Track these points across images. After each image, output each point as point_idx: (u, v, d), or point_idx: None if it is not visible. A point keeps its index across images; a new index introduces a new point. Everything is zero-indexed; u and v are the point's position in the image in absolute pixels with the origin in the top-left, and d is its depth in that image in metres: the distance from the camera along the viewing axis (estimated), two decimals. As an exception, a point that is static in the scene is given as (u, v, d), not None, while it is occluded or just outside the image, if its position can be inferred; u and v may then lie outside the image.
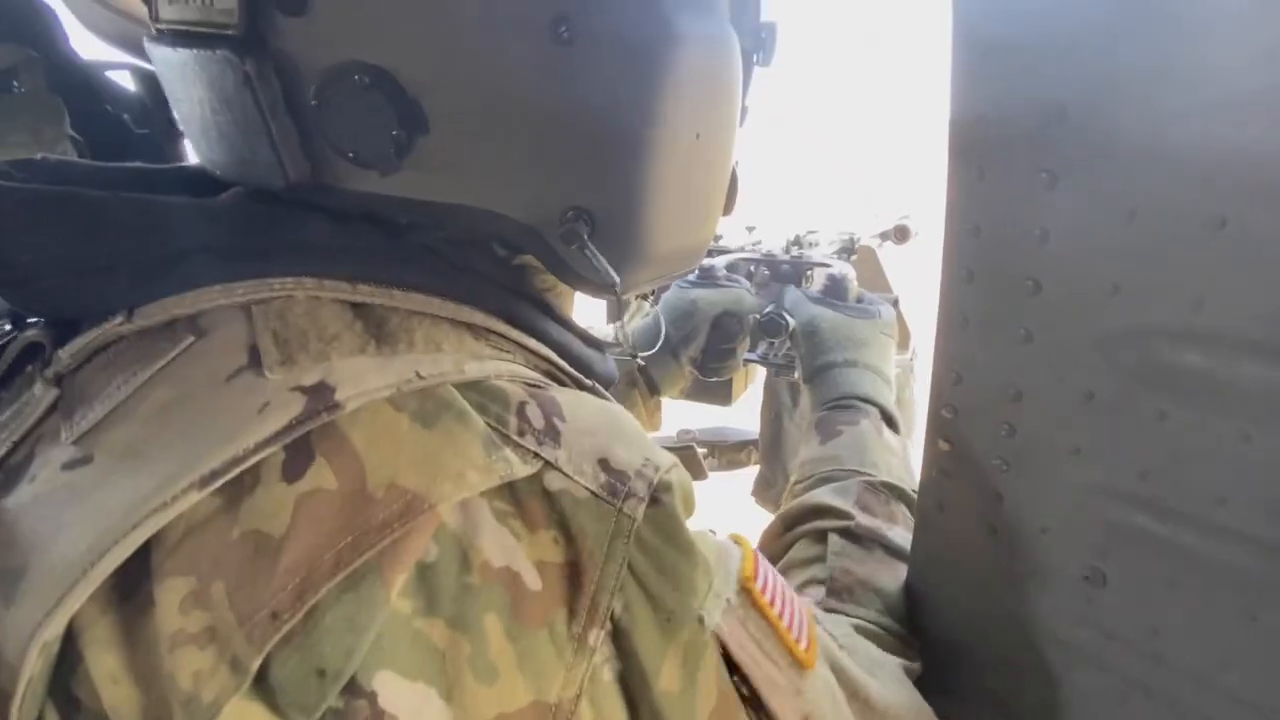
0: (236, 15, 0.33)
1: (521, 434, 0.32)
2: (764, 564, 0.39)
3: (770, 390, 1.12)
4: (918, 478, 0.51)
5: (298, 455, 0.29)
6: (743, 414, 1.24)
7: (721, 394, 1.09)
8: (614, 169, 0.39)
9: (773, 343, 0.87)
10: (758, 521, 0.69)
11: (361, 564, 0.28)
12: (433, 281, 0.37)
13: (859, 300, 0.80)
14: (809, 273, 0.88)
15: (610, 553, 0.32)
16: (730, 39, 0.43)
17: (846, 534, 0.56)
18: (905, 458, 0.68)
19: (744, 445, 1.30)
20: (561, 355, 0.42)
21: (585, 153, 0.38)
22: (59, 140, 1.00)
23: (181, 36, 0.35)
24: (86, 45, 1.05)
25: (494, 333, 0.38)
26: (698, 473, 0.50)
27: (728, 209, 0.51)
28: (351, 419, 0.30)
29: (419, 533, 0.29)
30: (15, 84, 0.95)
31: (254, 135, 0.35)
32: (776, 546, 0.61)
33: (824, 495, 0.59)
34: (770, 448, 1.17)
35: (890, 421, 0.69)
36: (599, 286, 0.41)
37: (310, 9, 0.33)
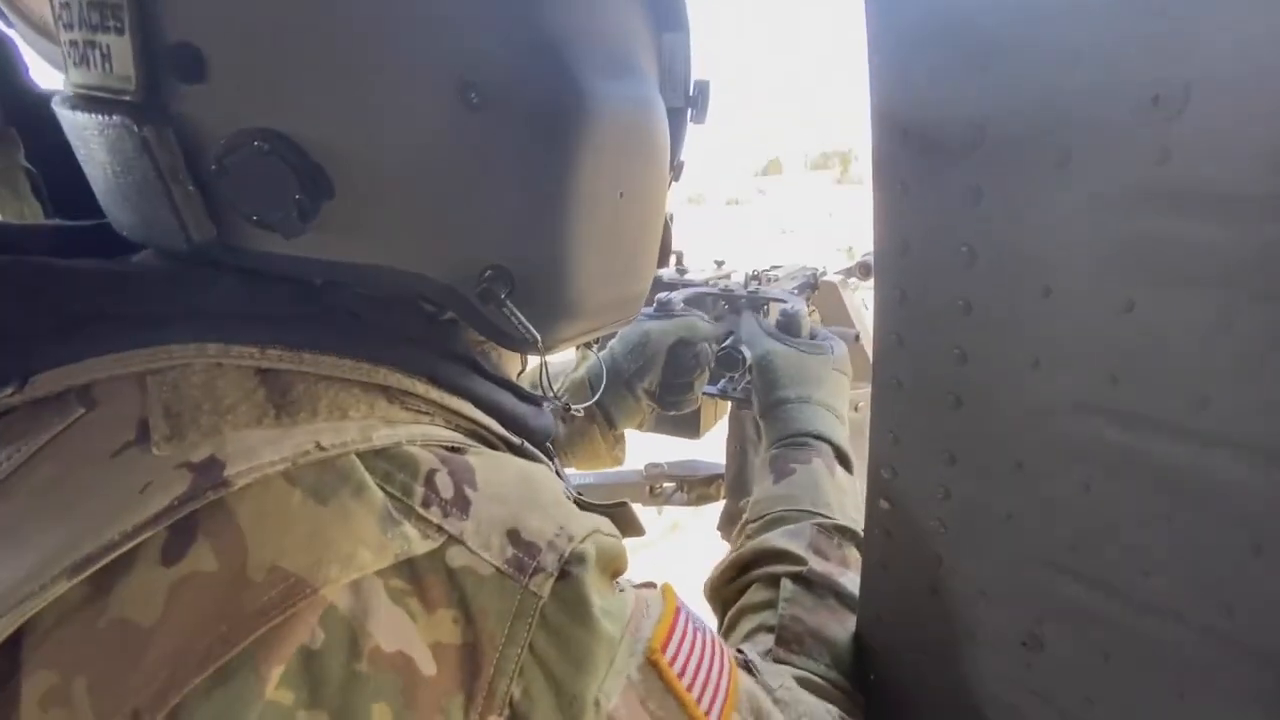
0: (134, 81, 0.32)
1: (427, 504, 0.32)
2: (681, 623, 0.38)
3: (735, 423, 1.12)
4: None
5: (179, 536, 0.28)
6: (715, 446, 1.24)
7: (689, 427, 1.09)
8: (532, 229, 0.38)
9: (732, 376, 0.87)
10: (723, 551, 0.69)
11: (234, 655, 0.26)
12: (346, 343, 0.36)
13: (812, 336, 0.80)
14: (765, 307, 0.88)
15: (511, 635, 0.31)
16: (652, 100, 0.43)
17: (799, 580, 0.55)
18: (858, 497, 0.67)
19: (713, 479, 1.29)
20: (490, 413, 0.42)
21: (500, 214, 0.38)
22: (13, 172, 0.98)
23: (84, 100, 0.34)
24: (48, 76, 1.04)
25: (412, 395, 0.37)
26: (633, 529, 0.49)
27: (662, 260, 0.51)
28: (240, 496, 0.29)
29: (301, 618, 0.27)
30: (-33, 116, 0.94)
31: (155, 199, 0.34)
32: (729, 591, 0.60)
33: (777, 538, 0.58)
34: (735, 482, 1.16)
35: (843, 459, 0.69)
36: (522, 343, 0.40)
37: (209, 77, 0.33)
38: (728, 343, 0.82)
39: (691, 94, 0.50)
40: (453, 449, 0.36)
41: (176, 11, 0.32)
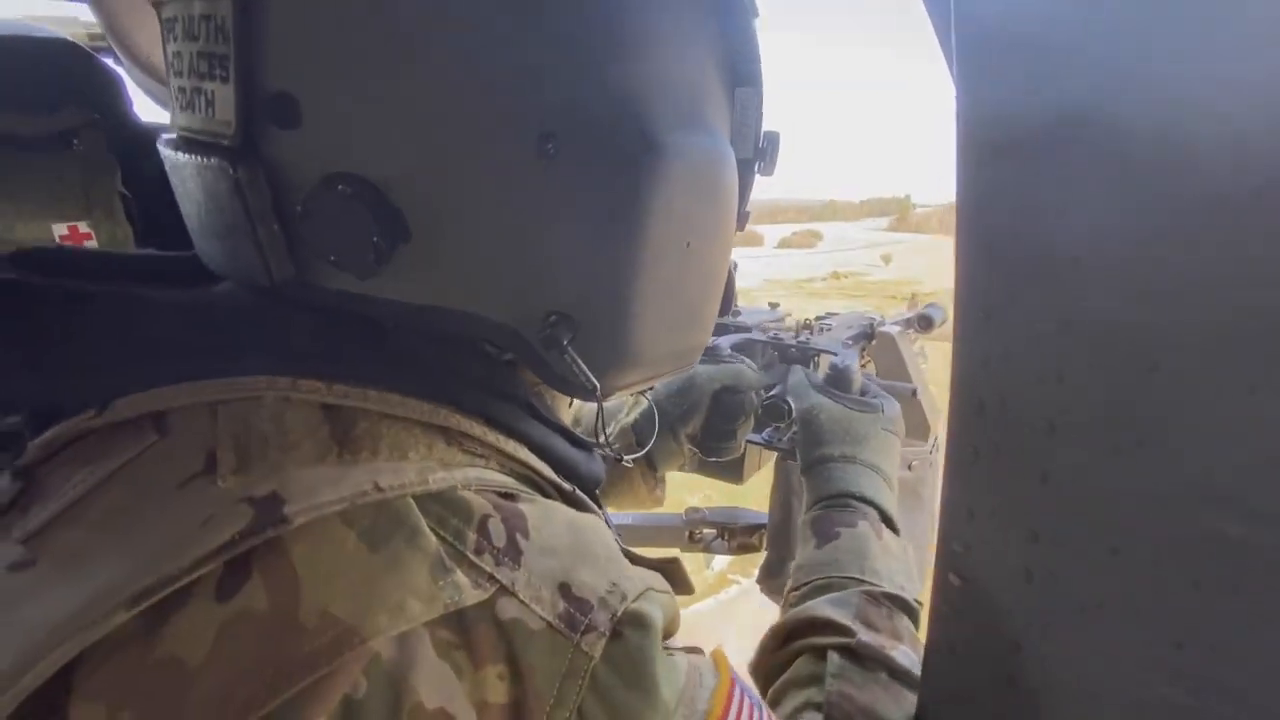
0: (234, 126, 0.34)
1: (479, 552, 0.31)
2: (739, 696, 0.36)
3: (781, 474, 1.08)
4: (924, 584, 0.47)
5: (235, 573, 0.28)
6: (759, 492, 1.20)
7: (733, 471, 1.06)
8: (599, 278, 0.38)
9: (778, 426, 0.84)
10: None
11: (279, 704, 0.26)
12: (409, 382, 0.36)
13: (863, 392, 0.77)
14: (816, 358, 0.86)
15: (561, 696, 0.30)
16: (723, 153, 0.43)
17: (847, 653, 0.52)
18: (907, 562, 0.63)
19: (755, 528, 1.25)
20: (543, 457, 0.41)
21: (568, 261, 0.38)
22: (110, 196, 1.05)
23: (186, 142, 0.36)
24: (149, 110, 1.13)
25: (469, 436, 0.37)
26: (684, 587, 0.47)
27: (724, 310, 0.50)
28: (297, 535, 0.29)
29: (346, 668, 0.27)
30: (75, 142, 1.02)
31: (242, 237, 0.35)
32: (773, 663, 0.57)
33: (823, 607, 0.55)
34: (778, 533, 1.12)
35: (889, 523, 0.65)
36: (580, 389, 0.40)
37: (303, 123, 0.34)
38: (774, 392, 0.80)
39: (761, 146, 0.50)
40: (505, 495, 0.35)
41: (278, 62, 0.34)
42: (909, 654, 0.52)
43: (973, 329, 0.36)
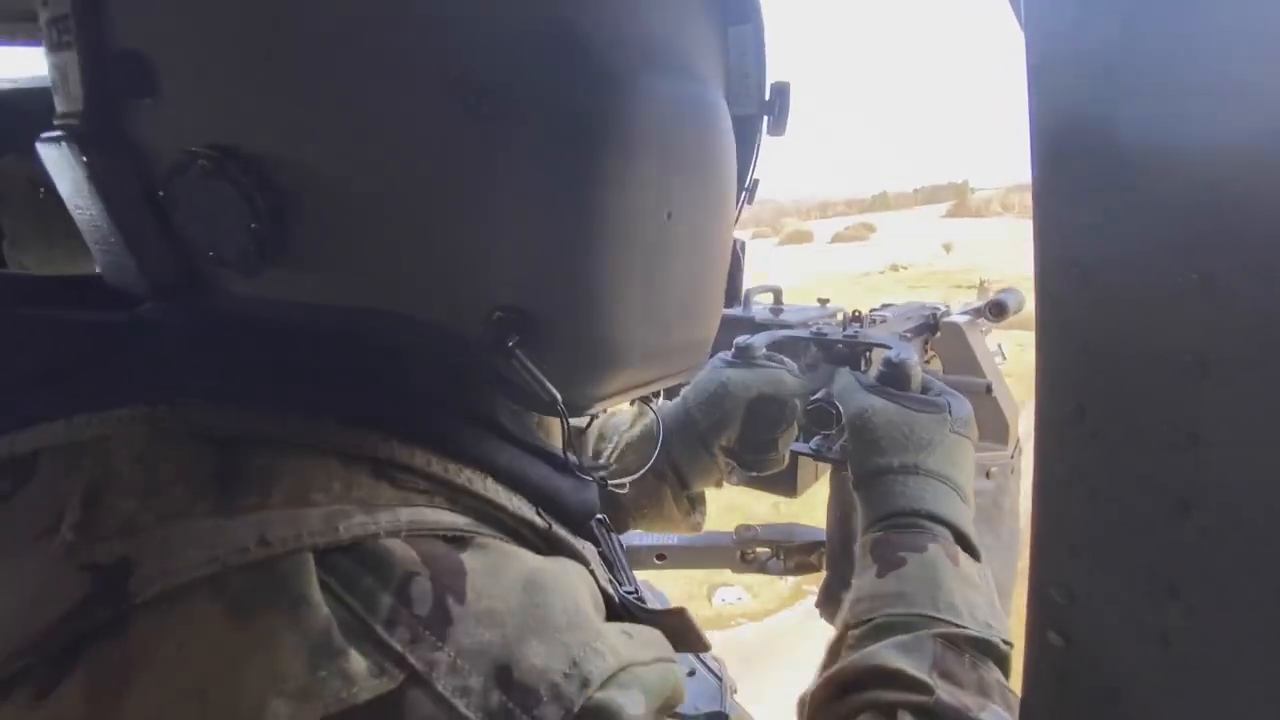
0: (82, 102, 0.28)
1: (392, 624, 0.24)
2: None
3: (838, 485, 0.97)
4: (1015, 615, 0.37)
5: (59, 664, 0.22)
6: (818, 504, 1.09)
7: (786, 484, 0.96)
8: (552, 262, 0.31)
9: (827, 435, 0.74)
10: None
11: None
12: (327, 404, 0.29)
13: (924, 390, 0.64)
14: (867, 355, 0.75)
15: None
16: (710, 102, 0.35)
17: (923, 714, 0.42)
18: (992, 594, 0.52)
19: (814, 546, 1.14)
20: (517, 488, 0.34)
21: (512, 244, 0.30)
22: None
23: (52, 135, 0.30)
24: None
25: (407, 467, 0.30)
26: (691, 643, 0.39)
27: (731, 297, 0.42)
28: (146, 612, 0.22)
29: None
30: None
31: (109, 236, 0.29)
32: (828, 717, 0.47)
33: (889, 654, 0.44)
34: (838, 553, 1.01)
35: (967, 545, 0.54)
36: (539, 401, 0.32)
37: (160, 89, 0.28)
38: (819, 396, 0.70)
39: (767, 99, 0.41)
40: (452, 539, 0.28)
41: (123, 17, 0.28)
42: (1001, 715, 0.42)
43: (1070, 292, 0.26)
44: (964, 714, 0.41)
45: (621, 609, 0.37)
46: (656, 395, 0.56)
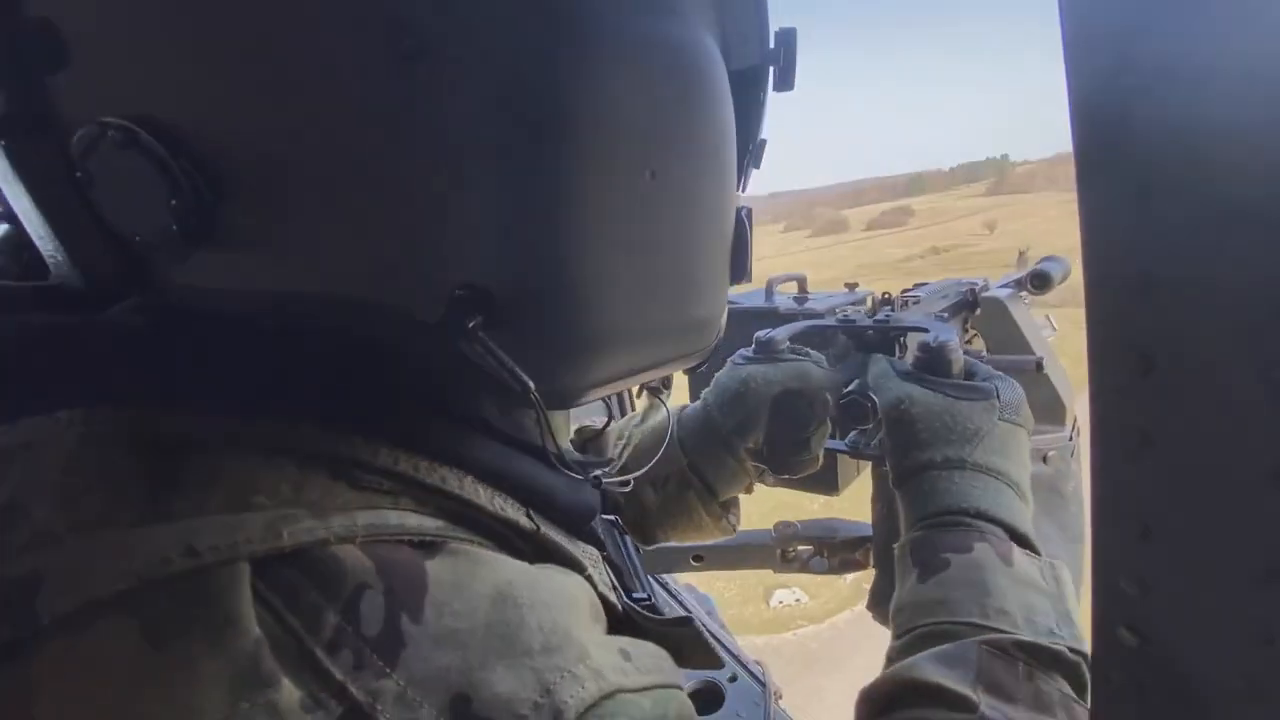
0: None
1: (335, 648, 0.21)
2: None
3: (881, 479, 0.92)
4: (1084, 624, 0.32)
5: None
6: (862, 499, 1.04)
7: (826, 482, 0.91)
8: (515, 231, 0.27)
9: (863, 430, 0.69)
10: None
11: None
12: (286, 399, 0.27)
13: (968, 375, 0.58)
14: (902, 340, 0.69)
15: None
16: (698, 44, 0.31)
17: None
18: (1060, 592, 0.46)
19: (859, 542, 1.08)
20: (502, 486, 0.31)
21: (469, 211, 0.27)
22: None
23: None
24: None
25: (370, 466, 0.27)
26: (700, 658, 0.35)
27: (737, 271, 0.37)
28: (55, 633, 0.20)
29: None
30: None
31: (40, 229, 0.27)
32: None
33: (928, 666, 0.40)
34: (885, 551, 0.95)
35: (1025, 543, 0.48)
36: (509, 390, 0.29)
37: (72, 59, 0.25)
38: (852, 388, 0.64)
39: (777, 46, 0.38)
40: (420, 544, 0.25)
41: None
42: None
43: (1123, 215, 0.22)
44: None
45: (625, 619, 0.34)
46: (667, 386, 0.52)
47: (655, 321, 0.34)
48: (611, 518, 0.47)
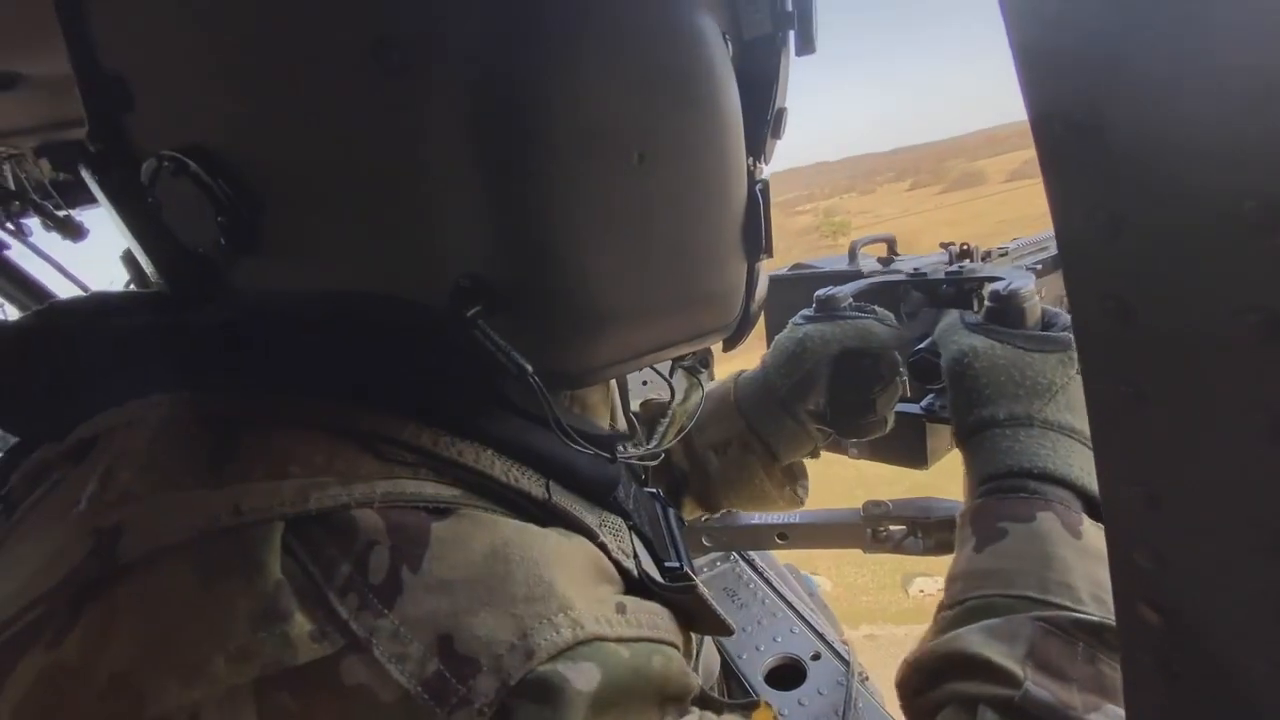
0: (89, 123, 0.31)
1: (344, 592, 0.25)
2: None
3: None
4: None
5: (70, 616, 0.25)
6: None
7: (914, 452, 0.86)
8: (506, 222, 0.29)
9: (938, 390, 0.64)
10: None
11: None
12: (328, 383, 0.31)
13: (1047, 325, 0.52)
14: (980, 292, 0.63)
15: None
16: (683, 26, 0.31)
17: (1010, 710, 0.35)
18: None
19: (955, 522, 1.02)
20: (523, 460, 0.33)
21: (463, 207, 0.29)
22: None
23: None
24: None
25: (393, 440, 0.30)
26: (708, 624, 0.36)
27: (756, 246, 0.37)
28: (131, 573, 0.25)
29: None
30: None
31: (132, 244, 0.33)
32: (913, 710, 0.41)
33: (975, 638, 0.38)
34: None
35: (1097, 510, 0.43)
36: (514, 372, 0.31)
37: (137, 101, 0.30)
38: (924, 345, 0.60)
39: (789, 9, 0.37)
40: (435, 509, 0.28)
41: (104, 48, 0.31)
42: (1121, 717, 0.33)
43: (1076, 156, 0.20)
44: (1063, 713, 0.33)
45: (639, 583, 0.35)
46: (705, 365, 0.53)
47: (656, 300, 0.35)
48: (653, 490, 0.48)
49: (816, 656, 0.87)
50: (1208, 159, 0.18)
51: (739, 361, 0.69)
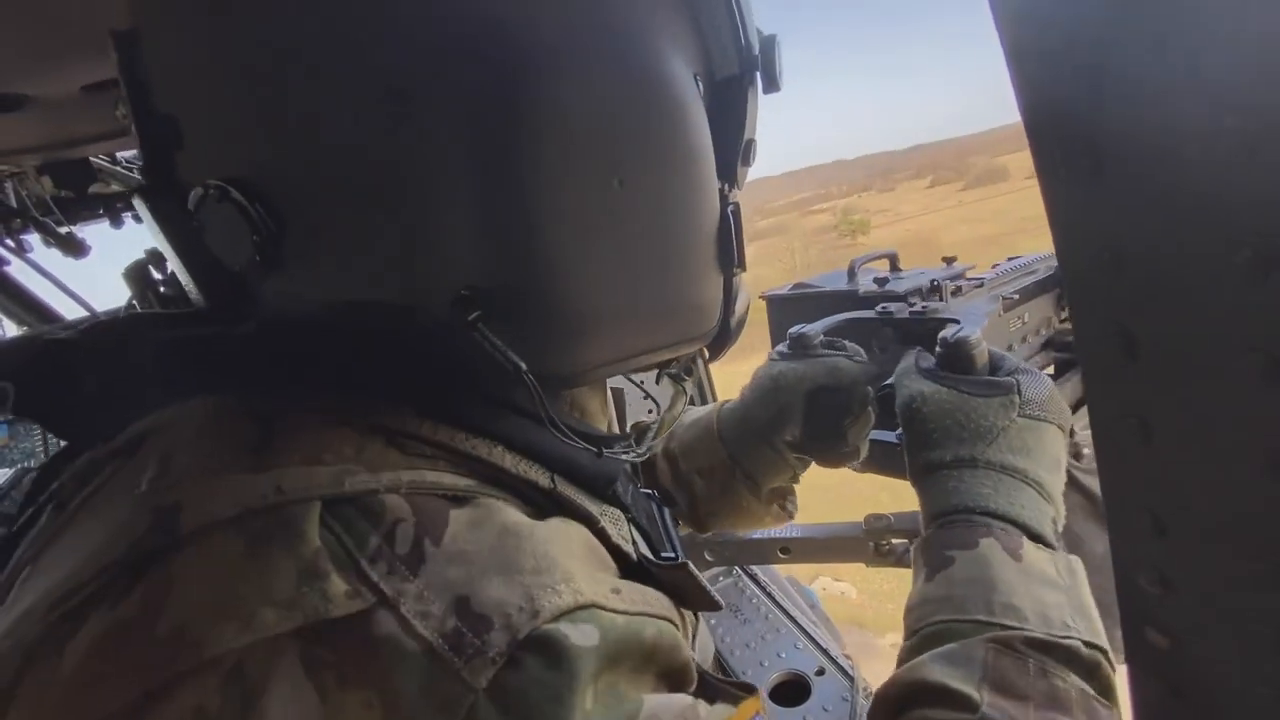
0: (143, 158, 0.35)
1: (375, 560, 0.28)
2: None
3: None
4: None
5: (129, 580, 0.28)
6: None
7: (902, 465, 0.87)
8: (501, 240, 0.33)
9: None
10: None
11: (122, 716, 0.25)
12: (356, 384, 0.35)
13: (994, 369, 0.54)
14: (940, 331, 0.65)
15: None
16: (656, 75, 0.35)
17: None
18: (1079, 589, 0.43)
19: (958, 535, 1.02)
20: (532, 455, 0.37)
21: (463, 228, 0.33)
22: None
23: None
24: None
25: (415, 436, 0.34)
26: (698, 601, 0.39)
27: (728, 259, 0.41)
28: (186, 543, 0.28)
29: (197, 684, 0.26)
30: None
31: (175, 264, 0.37)
32: None
33: (932, 667, 0.39)
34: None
35: (1041, 541, 0.45)
36: (511, 375, 0.34)
37: (185, 140, 0.34)
38: (889, 381, 0.62)
39: (754, 54, 0.41)
40: (453, 497, 0.32)
41: (159, 93, 0.34)
42: None
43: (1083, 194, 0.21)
44: None
45: (637, 567, 0.38)
46: (688, 374, 0.54)
47: (639, 308, 0.38)
48: (649, 491, 0.50)
49: (821, 672, 0.87)
50: (1202, 202, 0.18)
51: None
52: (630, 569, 0.38)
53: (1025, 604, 0.40)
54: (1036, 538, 0.45)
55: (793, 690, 0.86)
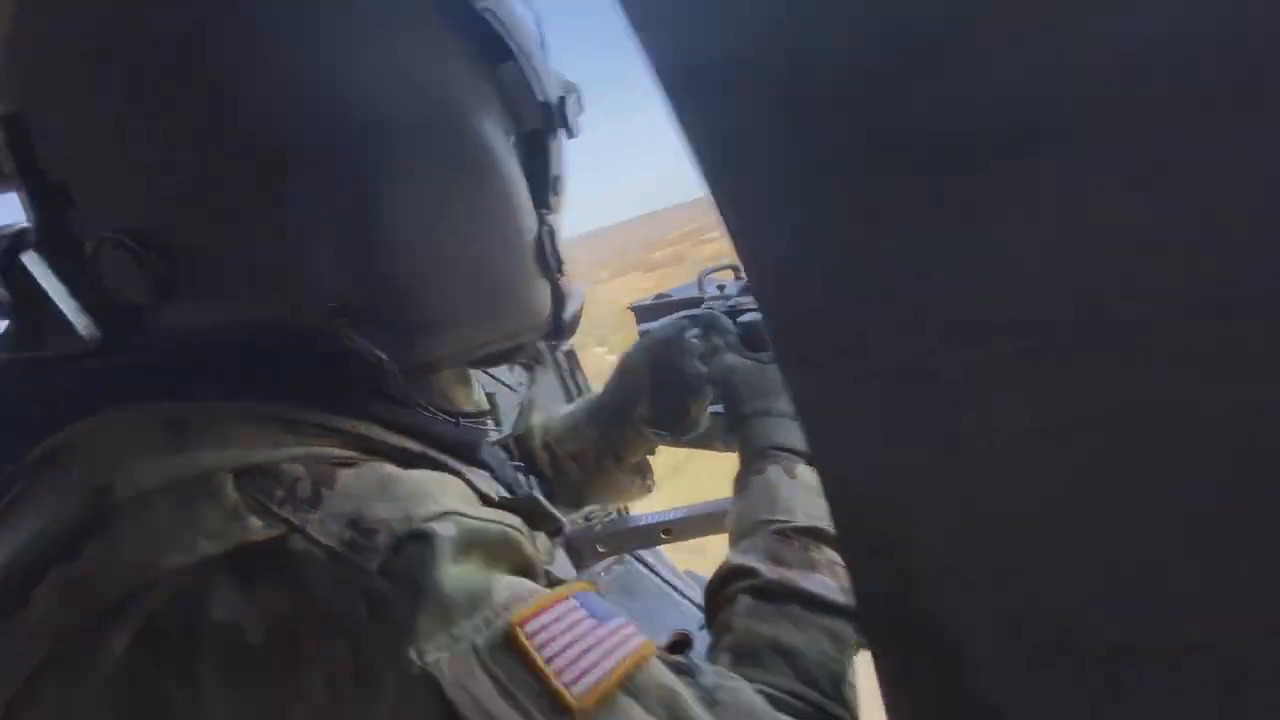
0: (35, 223, 0.42)
1: (282, 504, 0.35)
2: (561, 608, 0.37)
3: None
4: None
5: (81, 540, 0.35)
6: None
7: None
8: (354, 266, 0.43)
9: None
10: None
11: (90, 626, 0.32)
12: (250, 388, 0.42)
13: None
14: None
15: (335, 607, 0.33)
16: (472, 127, 0.46)
17: (756, 592, 0.51)
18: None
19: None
20: (403, 431, 0.46)
21: (323, 258, 0.42)
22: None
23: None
24: None
25: (306, 422, 0.42)
26: (543, 522, 0.49)
27: (547, 267, 0.52)
28: (127, 506, 0.35)
29: (151, 595, 0.33)
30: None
31: (69, 307, 0.43)
32: (711, 611, 0.56)
33: (734, 556, 0.54)
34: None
35: (810, 460, 0.62)
36: (377, 368, 0.44)
37: (77, 200, 0.41)
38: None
39: (552, 109, 0.51)
40: (340, 463, 0.39)
41: (49, 161, 0.41)
42: (825, 582, 0.50)
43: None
44: (789, 585, 0.49)
45: (497, 506, 0.48)
46: (539, 361, 0.66)
47: (476, 310, 0.48)
48: (519, 464, 0.62)
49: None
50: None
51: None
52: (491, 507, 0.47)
53: (796, 505, 0.57)
54: (811, 461, 0.61)
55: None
